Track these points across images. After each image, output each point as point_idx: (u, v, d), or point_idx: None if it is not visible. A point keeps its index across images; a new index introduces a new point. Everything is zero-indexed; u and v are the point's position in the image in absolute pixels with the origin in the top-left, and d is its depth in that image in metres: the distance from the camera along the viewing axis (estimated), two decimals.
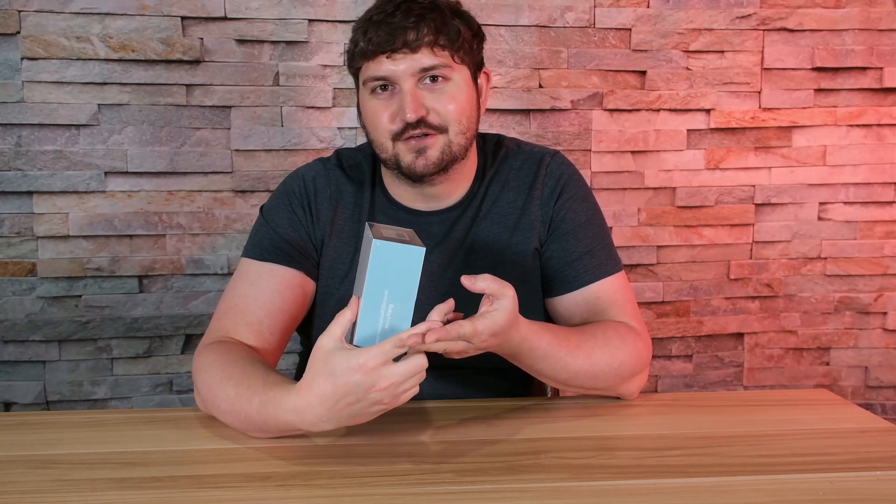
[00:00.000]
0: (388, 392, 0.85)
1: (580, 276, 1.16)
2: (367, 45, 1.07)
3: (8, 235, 1.89)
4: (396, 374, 0.84)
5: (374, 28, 1.07)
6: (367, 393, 0.85)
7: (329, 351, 0.86)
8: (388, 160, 1.12)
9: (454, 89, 1.09)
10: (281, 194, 1.20)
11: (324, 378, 0.85)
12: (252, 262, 1.14)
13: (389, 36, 1.05)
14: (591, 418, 1.07)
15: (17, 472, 0.89)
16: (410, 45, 1.05)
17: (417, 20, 1.06)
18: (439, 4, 1.09)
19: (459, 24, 1.09)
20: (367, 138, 1.15)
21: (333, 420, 0.88)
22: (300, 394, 0.88)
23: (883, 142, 2.15)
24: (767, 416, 1.08)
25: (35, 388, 1.94)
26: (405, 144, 1.09)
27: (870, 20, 2.10)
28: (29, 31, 1.83)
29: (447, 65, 1.08)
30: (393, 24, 1.05)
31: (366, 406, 0.86)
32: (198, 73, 1.90)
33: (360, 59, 1.09)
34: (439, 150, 1.09)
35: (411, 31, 1.05)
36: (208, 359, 1.03)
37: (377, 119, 1.10)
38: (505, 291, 0.91)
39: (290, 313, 1.13)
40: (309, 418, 0.88)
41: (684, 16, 2.05)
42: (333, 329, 0.87)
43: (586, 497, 0.84)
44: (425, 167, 1.09)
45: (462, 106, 1.10)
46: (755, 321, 2.18)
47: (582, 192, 1.21)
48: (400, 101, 1.07)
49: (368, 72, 1.08)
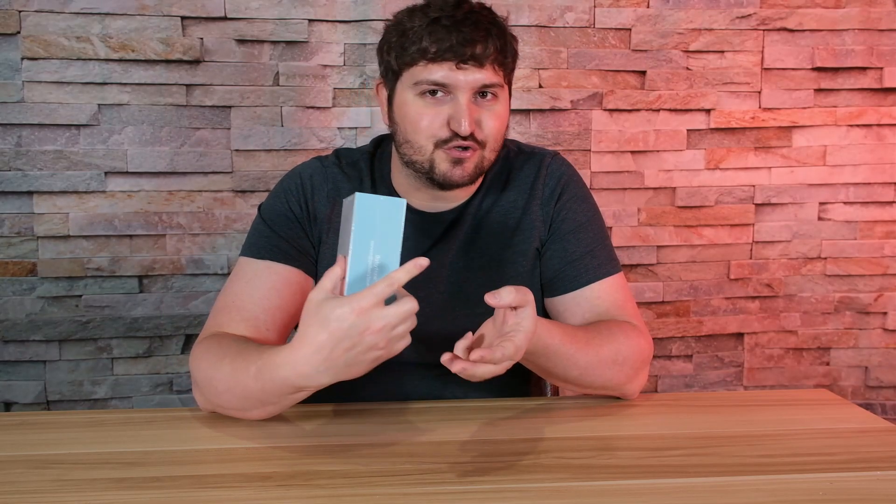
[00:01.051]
0: (382, 335, 0.85)
1: (581, 276, 1.16)
2: (432, 47, 1.04)
3: (8, 235, 1.89)
4: (389, 315, 0.84)
5: (443, 31, 1.04)
6: (361, 336, 0.84)
7: (320, 301, 0.86)
8: (421, 163, 1.10)
9: (501, 108, 1.09)
10: (278, 193, 1.20)
11: (317, 327, 0.85)
12: (249, 261, 1.14)
13: (461, 45, 1.04)
14: (591, 418, 1.07)
15: (17, 472, 0.89)
16: (478, 59, 1.04)
17: (486, 34, 1.05)
18: (497, 18, 1.09)
19: (514, 45, 1.11)
20: (400, 137, 1.12)
21: (331, 371, 0.87)
22: (294, 347, 0.88)
23: (883, 142, 2.15)
24: (767, 416, 1.08)
25: (35, 388, 1.94)
26: (445, 153, 1.08)
27: (870, 20, 2.10)
28: (29, 31, 1.83)
29: (501, 84, 1.08)
30: (464, 34, 1.04)
31: (362, 352, 0.86)
32: (198, 73, 1.90)
33: (417, 58, 1.06)
34: (474, 163, 1.09)
35: (480, 45, 1.04)
36: (203, 349, 1.04)
37: (421, 122, 1.08)
38: (527, 298, 0.90)
39: (288, 310, 1.13)
40: (305, 370, 0.88)
41: (684, 16, 2.05)
42: (324, 282, 0.87)
43: (586, 497, 0.84)
44: (462, 178, 1.09)
45: (501, 125, 1.10)
46: (755, 321, 2.18)
47: (582, 192, 1.21)
48: (453, 110, 1.06)
49: (426, 73, 1.06)
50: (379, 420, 1.05)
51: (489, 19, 1.07)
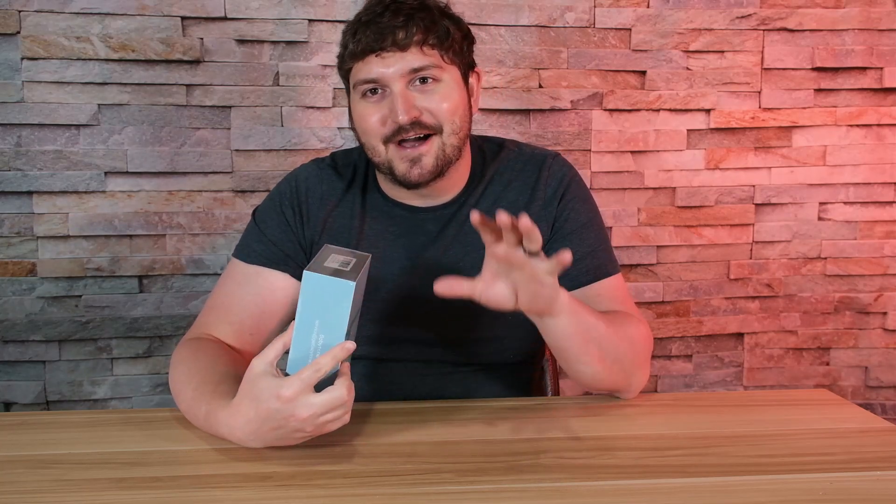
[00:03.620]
0: (308, 422, 0.86)
1: (582, 276, 1.16)
2: (355, 47, 1.06)
3: (8, 235, 1.89)
4: (315, 405, 0.85)
5: (362, 29, 1.06)
6: (286, 421, 0.86)
7: (257, 375, 0.87)
8: (382, 165, 1.11)
9: (445, 89, 1.09)
10: (273, 197, 1.21)
11: (248, 402, 0.88)
12: (240, 264, 1.16)
13: (378, 35, 1.05)
14: (591, 418, 1.07)
15: (17, 472, 0.89)
16: (399, 44, 1.05)
17: (406, 19, 1.05)
18: (428, 4, 1.09)
19: (449, 24, 1.09)
20: (359, 143, 1.14)
21: (260, 441, 0.90)
22: (230, 411, 0.90)
23: (883, 142, 2.15)
24: (767, 416, 1.08)
25: (35, 388, 1.94)
26: (399, 152, 1.08)
27: (870, 20, 2.10)
28: (29, 31, 1.83)
29: (437, 65, 1.07)
30: (381, 24, 1.05)
31: (288, 432, 0.88)
32: (198, 73, 1.90)
33: (349, 61, 1.08)
34: (433, 156, 1.09)
35: (400, 31, 1.05)
36: (181, 356, 1.06)
37: (367, 122, 1.09)
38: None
39: (275, 316, 1.15)
40: (238, 435, 0.90)
41: (684, 16, 2.05)
42: (267, 352, 0.88)
43: (586, 497, 0.84)
44: (420, 176, 1.09)
45: (455, 105, 1.09)
46: (755, 321, 2.18)
47: (583, 193, 1.21)
48: (391, 103, 1.07)
49: (359, 74, 1.08)
50: (379, 420, 1.05)
51: (412, 5, 1.07)
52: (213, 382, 0.98)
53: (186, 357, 1.06)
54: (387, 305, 1.15)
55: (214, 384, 0.97)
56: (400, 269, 1.16)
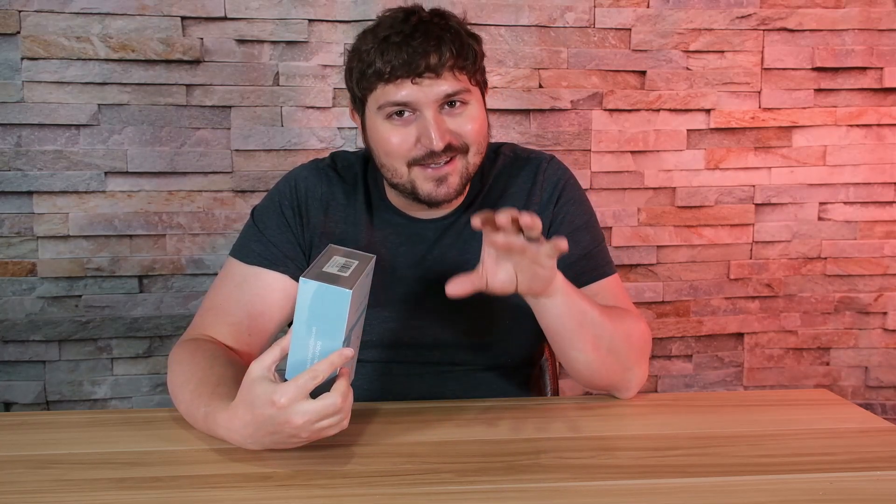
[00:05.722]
0: (303, 428, 0.85)
1: (579, 278, 1.16)
2: (384, 67, 1.02)
3: (8, 235, 1.89)
4: (309, 413, 0.84)
5: (394, 49, 1.02)
6: (282, 427, 0.85)
7: (254, 379, 0.86)
8: (402, 185, 1.10)
9: (473, 111, 1.08)
10: (272, 196, 1.20)
11: (245, 406, 0.87)
12: (238, 264, 1.15)
13: (411, 59, 1.01)
14: (591, 418, 1.07)
15: (17, 472, 0.89)
16: (434, 69, 1.02)
17: (438, 42, 1.03)
18: (451, 24, 1.07)
19: (473, 44, 1.08)
20: (377, 162, 1.11)
21: (257, 444, 0.90)
22: (229, 414, 0.90)
23: (883, 142, 2.15)
24: (767, 416, 1.08)
25: (35, 388, 1.94)
26: (423, 172, 1.07)
27: (870, 20, 2.10)
28: (29, 31, 1.83)
29: (467, 89, 1.06)
30: (414, 47, 1.02)
31: (284, 438, 0.87)
32: (198, 73, 1.90)
33: (374, 81, 1.05)
34: (458, 175, 1.08)
35: (433, 55, 1.02)
36: (179, 356, 1.06)
37: (391, 145, 1.07)
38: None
39: (273, 317, 1.14)
40: (236, 438, 0.90)
41: (684, 16, 2.05)
42: (265, 357, 0.87)
43: (586, 497, 0.84)
44: (447, 195, 1.09)
45: (480, 125, 1.09)
46: (755, 321, 2.18)
47: (579, 195, 1.22)
48: (421, 127, 1.05)
49: (387, 97, 1.04)
50: (379, 420, 1.05)
51: (441, 26, 1.05)
52: (211, 384, 0.98)
53: (184, 358, 1.05)
54: (386, 311, 1.15)
55: (213, 386, 0.97)
56: (400, 275, 1.16)
